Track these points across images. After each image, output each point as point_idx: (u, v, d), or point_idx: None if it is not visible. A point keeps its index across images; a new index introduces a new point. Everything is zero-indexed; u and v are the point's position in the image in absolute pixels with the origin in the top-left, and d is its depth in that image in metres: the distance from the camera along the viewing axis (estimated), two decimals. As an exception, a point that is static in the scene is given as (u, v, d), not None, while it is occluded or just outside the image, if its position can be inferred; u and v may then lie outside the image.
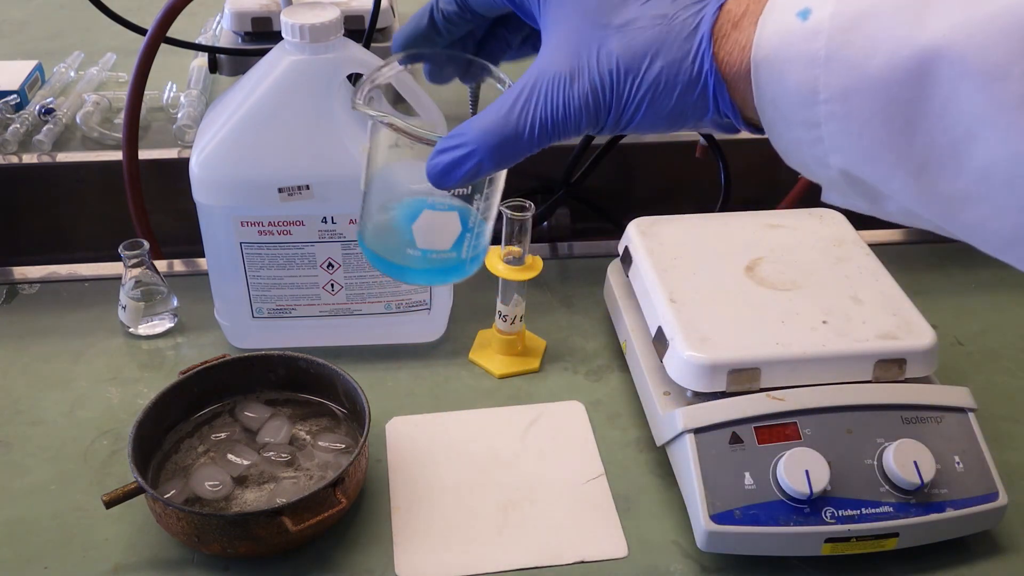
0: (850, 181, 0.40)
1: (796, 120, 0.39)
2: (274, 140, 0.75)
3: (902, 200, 0.39)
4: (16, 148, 1.16)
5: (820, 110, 0.38)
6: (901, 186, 0.38)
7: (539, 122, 0.42)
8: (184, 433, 0.75)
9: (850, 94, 0.37)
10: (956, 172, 0.36)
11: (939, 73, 0.35)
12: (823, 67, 0.37)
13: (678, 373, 0.71)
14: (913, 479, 0.65)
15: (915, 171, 0.37)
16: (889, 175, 0.38)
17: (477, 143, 0.44)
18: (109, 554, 0.68)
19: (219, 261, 0.81)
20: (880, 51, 0.36)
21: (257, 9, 1.21)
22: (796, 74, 0.38)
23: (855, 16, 0.37)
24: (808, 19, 0.38)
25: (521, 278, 0.81)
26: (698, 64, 0.40)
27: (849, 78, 0.37)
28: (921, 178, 0.37)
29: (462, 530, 0.70)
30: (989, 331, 0.91)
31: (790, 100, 0.39)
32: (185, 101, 1.22)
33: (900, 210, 0.40)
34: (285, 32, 0.74)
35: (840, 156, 0.39)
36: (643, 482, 0.75)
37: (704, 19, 0.41)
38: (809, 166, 0.41)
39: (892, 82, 0.36)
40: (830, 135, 0.39)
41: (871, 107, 0.37)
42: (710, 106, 0.42)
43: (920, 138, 0.36)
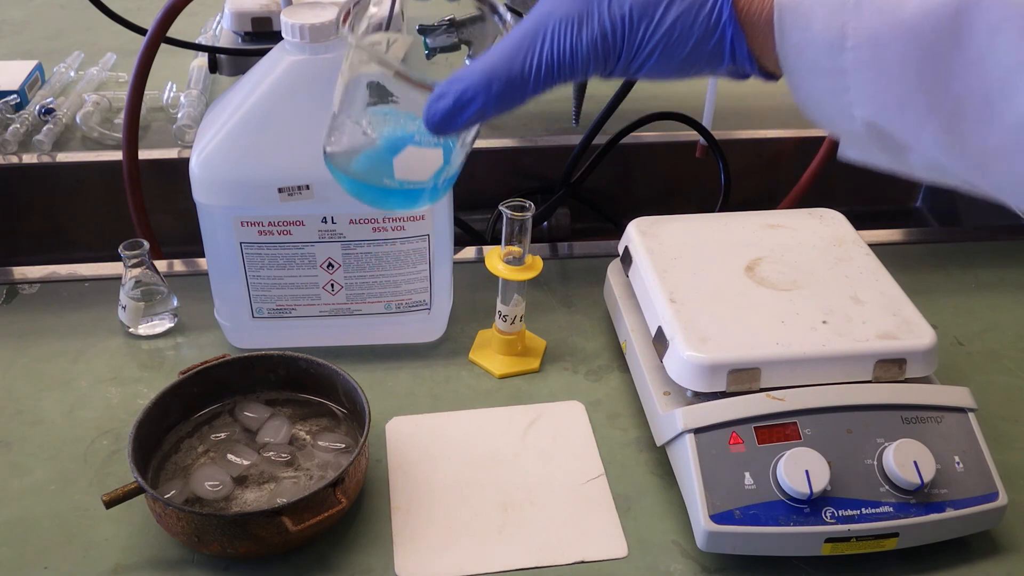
0: (874, 134, 0.38)
1: (820, 68, 0.37)
2: (274, 140, 0.75)
3: (930, 154, 0.37)
4: (16, 148, 1.16)
5: (847, 57, 0.36)
6: (930, 139, 0.36)
7: (545, 66, 0.40)
8: (184, 433, 0.75)
9: (880, 41, 0.35)
10: (990, 124, 0.35)
11: (976, 19, 0.33)
12: (852, 12, 0.36)
13: (678, 373, 0.71)
14: (913, 479, 0.65)
15: (946, 123, 0.36)
16: (918, 127, 0.36)
17: (479, 88, 0.41)
18: (109, 554, 0.68)
19: (219, 261, 0.81)
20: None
21: (257, 9, 1.21)
22: (823, 20, 0.36)
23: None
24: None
25: (521, 278, 0.81)
26: (716, 12, 0.39)
27: (880, 24, 0.35)
28: (952, 130, 0.36)
29: (462, 530, 0.70)
30: (989, 331, 0.91)
31: (815, 47, 0.37)
32: (185, 101, 1.22)
33: (926, 164, 0.38)
34: (285, 32, 0.74)
35: (866, 107, 0.37)
36: (643, 482, 0.75)
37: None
38: (831, 118, 0.40)
39: (925, 28, 0.34)
40: (856, 84, 0.37)
41: (902, 55, 0.35)
42: (726, 56, 0.40)
43: (953, 88, 0.35)
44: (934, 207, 1.33)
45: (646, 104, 1.19)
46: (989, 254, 1.01)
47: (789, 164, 1.25)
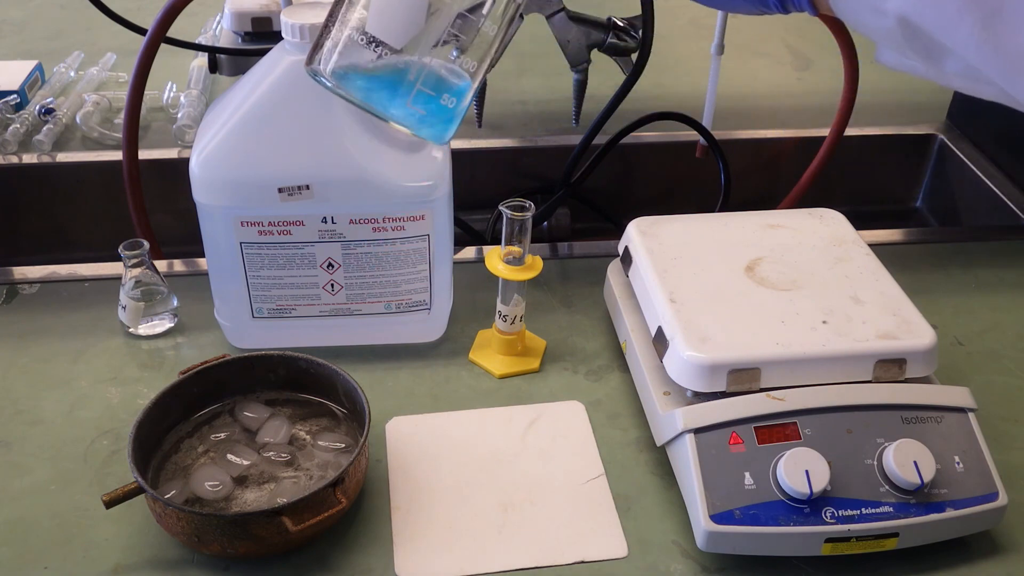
0: (908, 33, 0.36)
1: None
2: (274, 140, 0.75)
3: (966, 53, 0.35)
4: (16, 148, 1.16)
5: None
6: (966, 36, 0.34)
7: None
8: (184, 433, 0.75)
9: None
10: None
11: None
12: None
13: (678, 373, 0.71)
14: (913, 479, 0.65)
15: (985, 17, 0.34)
16: (953, 21, 0.34)
17: None
18: (109, 554, 0.68)
19: (219, 261, 0.81)
20: None
21: (257, 9, 1.21)
22: None
23: None
24: None
25: (521, 278, 0.81)
26: None
27: None
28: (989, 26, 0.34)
29: (462, 530, 0.70)
30: (989, 331, 0.91)
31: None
32: (185, 101, 1.22)
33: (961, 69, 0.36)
34: (285, 32, 0.74)
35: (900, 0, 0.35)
36: (643, 482, 0.75)
37: None
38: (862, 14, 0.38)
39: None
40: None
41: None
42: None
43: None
44: (934, 207, 1.33)
45: (646, 104, 1.19)
46: (989, 254, 1.01)
47: (789, 164, 1.25)
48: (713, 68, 1.12)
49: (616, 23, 1.05)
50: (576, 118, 1.13)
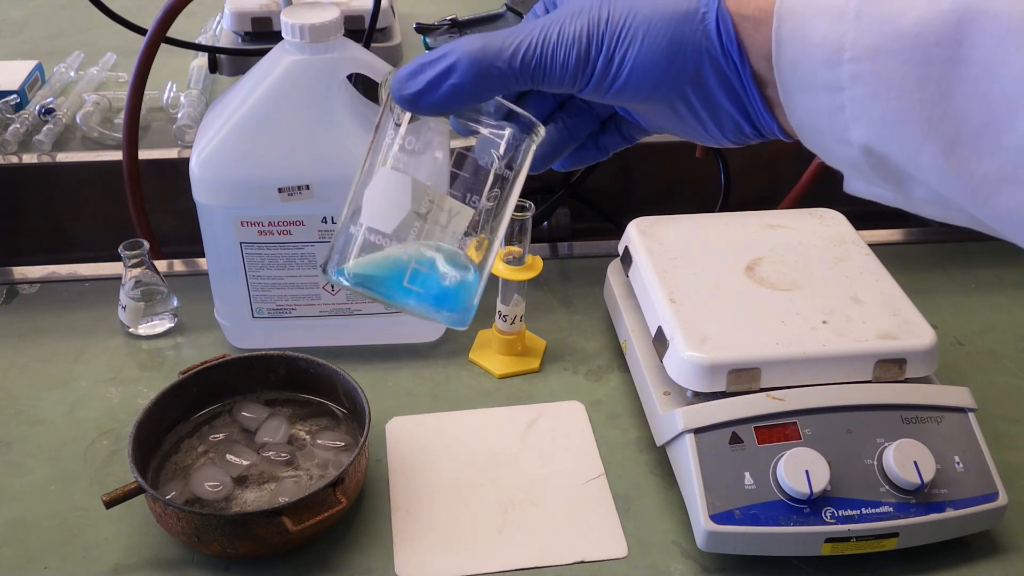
0: (873, 161, 0.36)
1: (817, 84, 0.36)
2: (274, 140, 0.75)
3: (930, 181, 0.35)
4: (16, 148, 1.16)
5: (845, 71, 0.35)
6: (929, 163, 0.34)
7: (528, 43, 0.39)
8: (184, 433, 0.75)
9: (880, 52, 0.34)
10: (992, 148, 0.33)
11: (981, 30, 0.31)
12: (852, 22, 0.34)
13: (678, 373, 0.71)
14: (913, 479, 0.65)
15: (946, 145, 0.33)
16: (917, 150, 0.34)
17: (457, 47, 0.39)
18: (109, 554, 0.68)
19: (219, 261, 0.81)
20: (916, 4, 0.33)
21: (257, 9, 1.21)
22: (821, 29, 0.35)
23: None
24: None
25: (521, 278, 0.81)
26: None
27: (880, 34, 0.33)
28: (952, 154, 0.33)
29: (462, 530, 0.70)
30: (989, 331, 0.91)
31: (812, 60, 0.35)
32: (185, 101, 1.22)
33: (929, 196, 0.36)
34: (285, 32, 0.74)
35: (863, 127, 0.35)
36: (643, 482, 0.75)
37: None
38: (827, 143, 0.38)
39: (928, 39, 0.32)
40: (853, 100, 0.35)
41: (902, 68, 0.33)
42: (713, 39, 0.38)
43: (954, 106, 0.33)
44: (934, 207, 1.33)
45: (646, 104, 1.19)
46: (989, 254, 1.01)
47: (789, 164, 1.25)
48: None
49: (616, 23, 1.05)
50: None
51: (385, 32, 1.27)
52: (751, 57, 0.38)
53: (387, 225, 0.45)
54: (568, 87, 0.40)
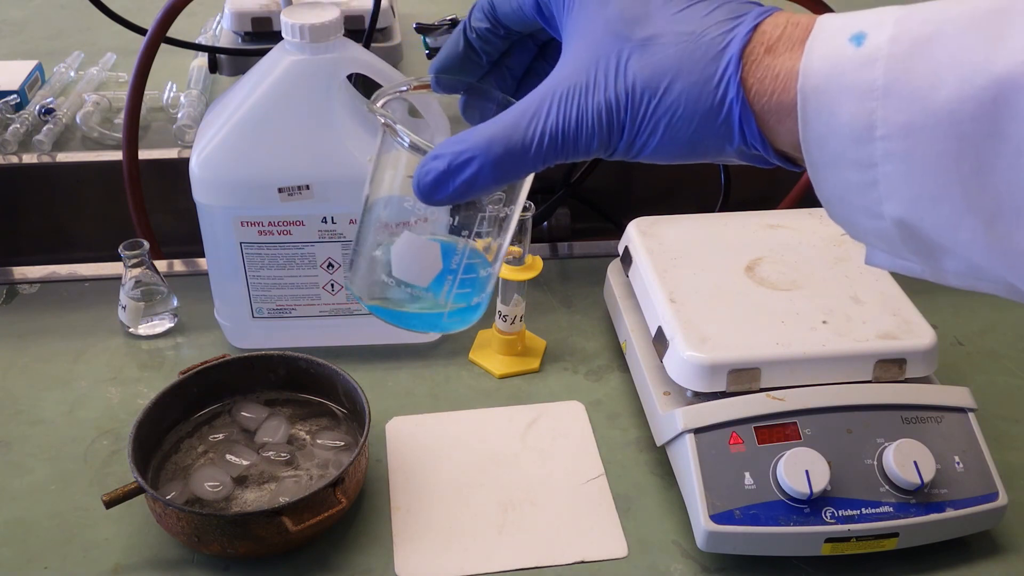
0: (906, 235, 0.35)
1: (847, 161, 0.35)
2: (274, 140, 0.75)
3: (968, 254, 0.34)
4: (16, 148, 1.16)
5: (876, 148, 0.34)
6: (969, 237, 0.33)
7: (549, 135, 0.38)
8: (184, 433, 0.75)
9: (913, 130, 0.33)
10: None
11: (1018, 105, 0.31)
12: (881, 99, 0.33)
13: (678, 373, 0.71)
14: (913, 479, 0.65)
15: (987, 219, 0.33)
16: (954, 225, 0.33)
17: (479, 150, 0.38)
18: (109, 554, 0.68)
19: (219, 261, 0.81)
20: (948, 80, 0.32)
21: (257, 9, 1.21)
22: (849, 107, 0.34)
23: (918, 40, 0.33)
24: (863, 44, 0.34)
25: (521, 278, 0.81)
26: (723, 89, 0.36)
27: (911, 112, 0.33)
28: (994, 228, 0.33)
29: (462, 530, 0.70)
30: (989, 331, 0.91)
31: (841, 138, 0.34)
32: (185, 101, 1.22)
33: (963, 268, 0.36)
34: (285, 32, 0.74)
35: (897, 203, 0.34)
36: (643, 482, 0.75)
37: (734, 40, 0.36)
38: (857, 218, 0.37)
39: (962, 116, 0.32)
40: (886, 177, 0.34)
41: (937, 145, 0.32)
42: (735, 136, 0.37)
43: (994, 180, 0.32)
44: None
45: (646, 104, 1.19)
46: (989, 254, 1.01)
47: (789, 164, 1.25)
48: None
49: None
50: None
51: (385, 32, 1.27)
52: (776, 143, 0.38)
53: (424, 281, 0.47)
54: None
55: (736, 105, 0.36)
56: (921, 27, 0.33)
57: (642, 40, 0.37)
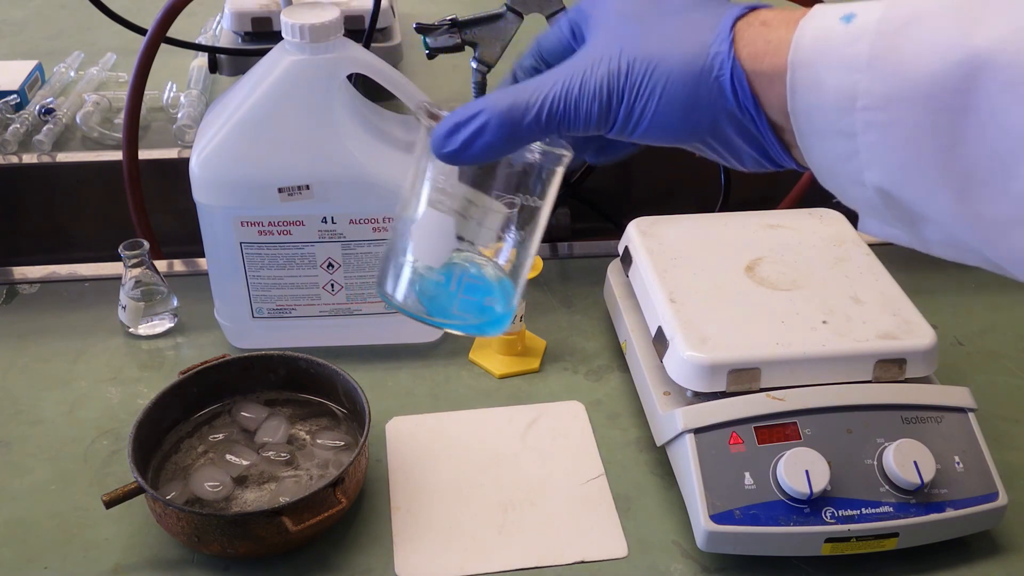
0: (887, 202, 0.37)
1: (831, 130, 0.37)
2: (274, 140, 0.75)
3: (943, 223, 0.36)
4: (16, 148, 1.16)
5: (858, 118, 0.36)
6: (942, 206, 0.35)
7: (552, 97, 0.41)
8: (184, 433, 0.75)
9: (892, 101, 0.35)
10: (1002, 192, 0.34)
11: (988, 80, 0.33)
12: (864, 71, 0.35)
13: (678, 373, 0.71)
14: (913, 479, 0.65)
15: (958, 189, 0.35)
16: (930, 193, 0.35)
17: (487, 104, 0.42)
18: (109, 554, 0.68)
19: (219, 261, 0.81)
20: (927, 55, 0.34)
21: (257, 9, 1.21)
22: (834, 79, 0.36)
23: (904, 20, 0.35)
24: (852, 23, 0.36)
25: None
26: (715, 48, 0.39)
27: (892, 83, 0.35)
28: (964, 197, 0.35)
29: (462, 530, 0.70)
30: (989, 331, 0.91)
31: (826, 107, 0.37)
32: (185, 101, 1.22)
33: (942, 237, 0.37)
34: (285, 32, 0.74)
35: (877, 171, 0.36)
36: (643, 482, 0.75)
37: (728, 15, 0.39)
38: (843, 185, 0.39)
39: (939, 88, 0.34)
40: (867, 147, 0.36)
41: (913, 116, 0.34)
42: (728, 96, 0.39)
43: (965, 152, 0.34)
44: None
45: (646, 104, 1.19)
46: (989, 254, 1.01)
47: (789, 164, 1.25)
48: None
49: (616, 23, 1.05)
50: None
51: (385, 32, 1.27)
52: (767, 109, 0.39)
53: (436, 261, 0.49)
54: (591, 133, 0.42)
55: (727, 65, 0.38)
56: (908, 9, 0.35)
57: (644, 19, 0.41)
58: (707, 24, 0.40)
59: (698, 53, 0.39)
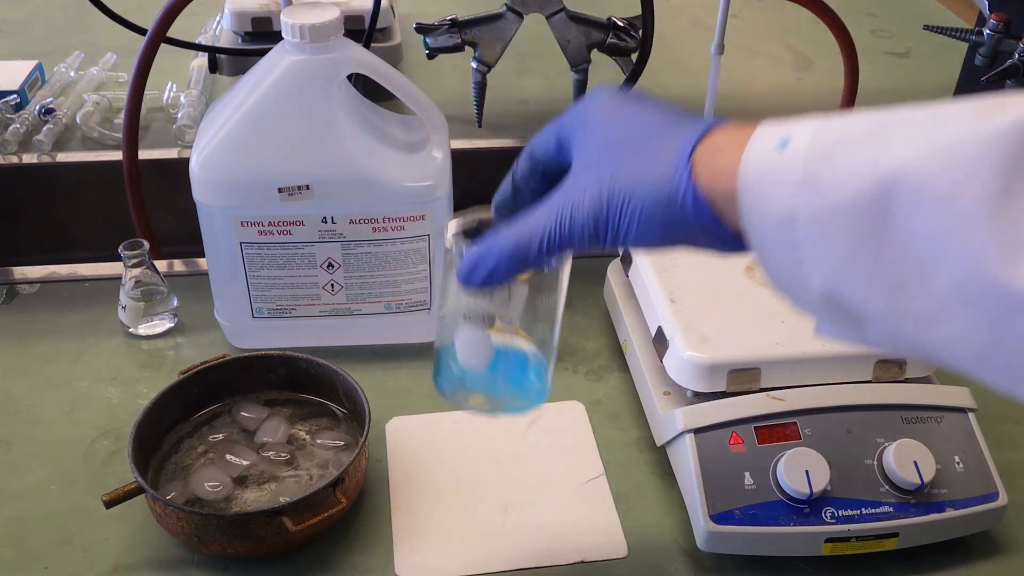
0: (832, 305, 0.42)
1: (779, 243, 0.42)
2: (274, 140, 0.75)
3: (882, 321, 0.40)
4: (16, 148, 1.16)
5: (798, 233, 0.41)
6: (876, 306, 0.40)
7: (548, 231, 0.47)
8: (184, 433, 0.75)
9: (824, 217, 0.40)
10: (924, 291, 0.38)
11: (899, 197, 0.37)
12: (799, 193, 0.40)
13: (678, 373, 0.71)
14: (913, 479, 0.65)
15: (887, 290, 0.39)
16: (865, 295, 0.40)
17: (497, 246, 0.49)
18: (109, 554, 0.68)
19: (219, 261, 0.81)
20: (848, 177, 0.39)
21: (257, 9, 1.21)
22: (775, 200, 0.41)
23: (828, 146, 0.40)
24: (787, 148, 0.41)
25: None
26: (677, 179, 0.44)
27: (822, 202, 0.40)
28: (893, 296, 0.39)
29: (462, 530, 0.70)
30: (989, 331, 0.91)
31: (772, 224, 0.42)
32: (185, 101, 1.22)
33: (885, 335, 0.42)
34: (285, 32, 0.74)
35: (819, 278, 0.41)
36: (643, 482, 0.75)
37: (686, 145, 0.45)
38: (795, 292, 0.43)
39: (860, 206, 0.38)
40: (809, 257, 0.41)
41: (843, 229, 0.39)
42: (691, 216, 0.45)
43: (888, 258, 0.38)
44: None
45: (646, 104, 1.19)
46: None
47: (789, 164, 1.25)
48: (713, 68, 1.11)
49: (616, 23, 1.05)
50: (576, 118, 1.13)
51: (385, 32, 1.27)
52: (729, 224, 0.44)
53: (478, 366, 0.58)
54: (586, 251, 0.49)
55: (690, 192, 0.44)
56: (831, 135, 0.41)
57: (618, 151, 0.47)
58: (672, 151, 0.45)
59: (665, 182, 0.44)
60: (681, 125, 0.46)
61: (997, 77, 1.03)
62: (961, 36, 1.08)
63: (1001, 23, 1.04)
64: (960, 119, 0.38)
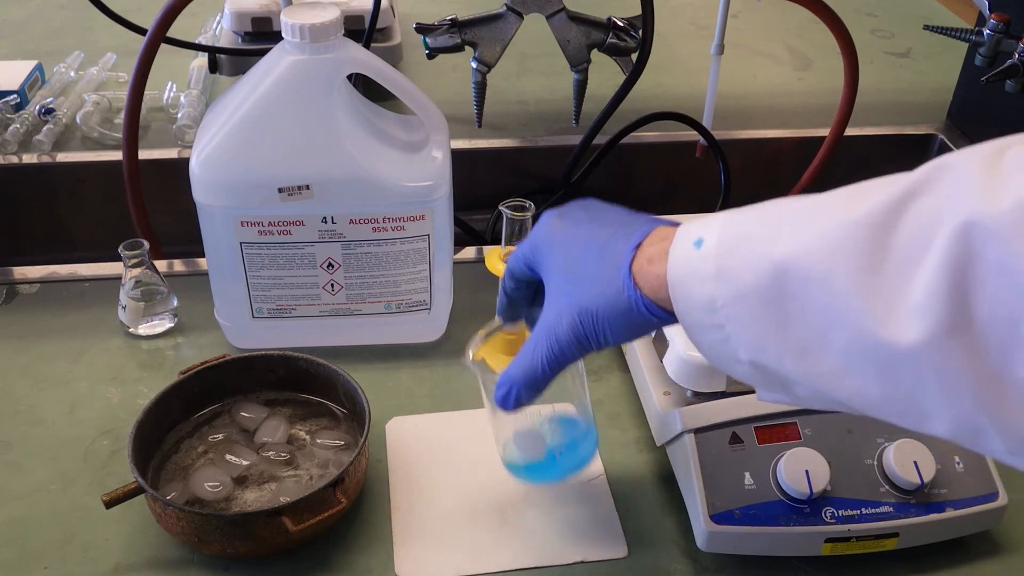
0: (760, 372, 0.48)
1: (707, 325, 0.49)
2: (274, 140, 0.75)
3: (801, 382, 0.47)
4: (16, 148, 1.16)
5: (720, 314, 0.48)
6: (792, 369, 0.46)
7: (546, 359, 0.56)
8: (184, 433, 0.75)
9: (737, 300, 0.47)
10: (827, 353, 0.45)
11: (791, 280, 0.45)
12: (714, 283, 0.48)
13: (678, 373, 0.71)
14: (913, 479, 0.65)
15: (798, 355, 0.46)
16: (780, 361, 0.47)
17: (512, 379, 0.58)
18: (109, 554, 0.68)
19: (219, 261, 0.81)
20: (749, 267, 0.46)
21: (257, 9, 1.21)
22: (698, 290, 0.49)
23: (733, 239, 0.48)
24: (701, 247, 0.49)
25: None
26: (627, 294, 0.52)
27: (734, 287, 0.47)
28: (804, 361, 0.46)
29: (462, 530, 0.70)
30: (989, 331, 0.91)
31: (698, 311, 0.49)
32: (185, 101, 1.22)
33: (809, 394, 0.48)
34: (285, 32, 0.74)
35: (745, 350, 0.48)
36: (643, 482, 0.75)
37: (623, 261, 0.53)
38: (728, 364, 0.50)
39: (761, 289, 0.46)
40: (732, 334, 0.48)
41: (753, 309, 0.46)
42: (647, 316, 0.52)
43: (793, 329, 0.45)
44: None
45: (646, 104, 1.19)
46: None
47: (789, 164, 1.25)
48: (713, 68, 1.12)
49: (616, 23, 1.05)
50: (576, 118, 1.13)
51: (385, 32, 1.27)
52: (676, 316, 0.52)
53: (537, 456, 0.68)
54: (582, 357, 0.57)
55: (638, 300, 0.52)
56: (735, 230, 0.48)
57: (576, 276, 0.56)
58: (616, 270, 0.53)
59: (619, 298, 0.52)
60: (617, 241, 0.54)
61: (997, 77, 1.03)
62: (961, 36, 1.08)
63: (1001, 23, 1.04)
64: (835, 209, 0.45)
